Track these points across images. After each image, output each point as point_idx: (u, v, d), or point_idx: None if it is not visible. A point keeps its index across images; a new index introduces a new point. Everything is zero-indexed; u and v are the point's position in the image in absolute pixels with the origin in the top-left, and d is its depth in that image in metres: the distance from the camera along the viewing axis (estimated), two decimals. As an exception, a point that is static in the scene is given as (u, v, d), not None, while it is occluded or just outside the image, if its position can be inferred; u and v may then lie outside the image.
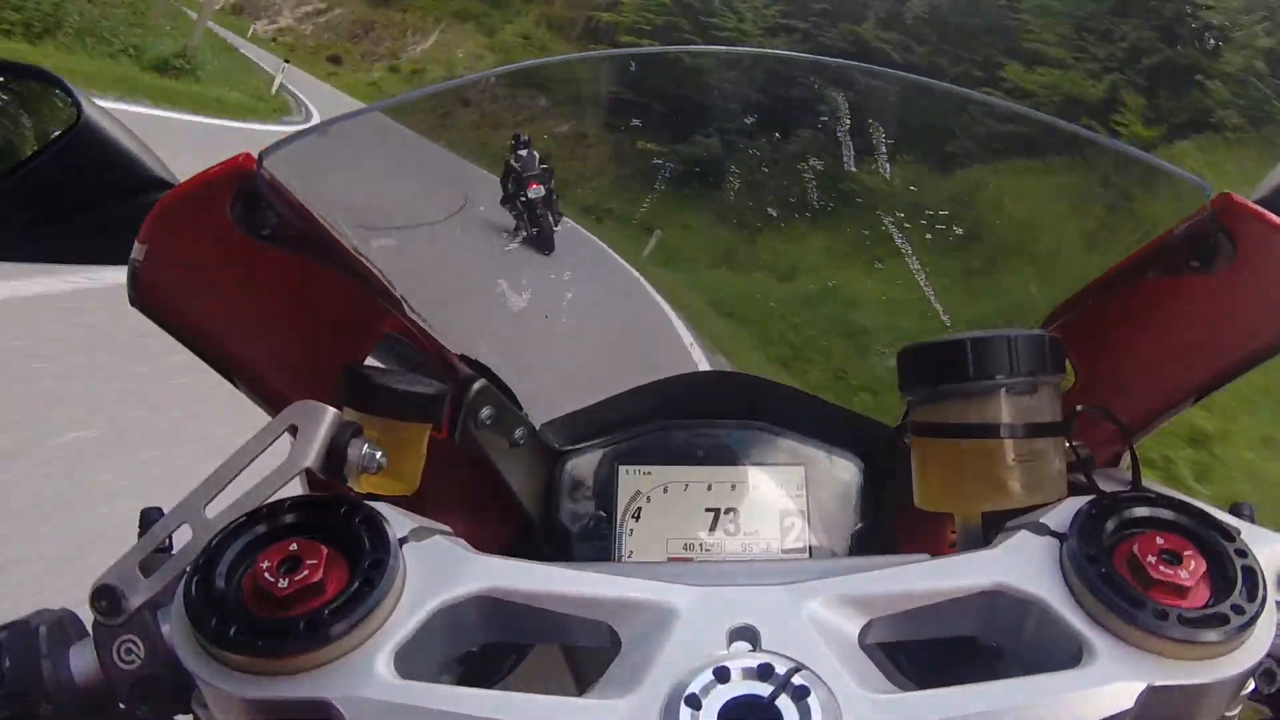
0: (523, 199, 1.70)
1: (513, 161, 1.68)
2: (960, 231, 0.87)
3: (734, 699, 0.42)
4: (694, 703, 0.42)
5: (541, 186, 1.71)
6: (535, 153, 1.74)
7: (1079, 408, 0.61)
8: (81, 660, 0.51)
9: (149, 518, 0.53)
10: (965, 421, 0.60)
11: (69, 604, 0.56)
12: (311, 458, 0.52)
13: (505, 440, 0.81)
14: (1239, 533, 0.50)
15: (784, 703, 0.42)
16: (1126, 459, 0.73)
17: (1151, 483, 0.59)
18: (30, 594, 2.33)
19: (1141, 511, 0.51)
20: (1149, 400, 0.70)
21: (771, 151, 0.99)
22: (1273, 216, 0.55)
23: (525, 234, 1.71)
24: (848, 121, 0.80)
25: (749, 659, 0.44)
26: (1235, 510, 0.57)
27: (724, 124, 0.98)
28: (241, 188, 0.56)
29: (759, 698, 0.42)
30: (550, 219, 1.76)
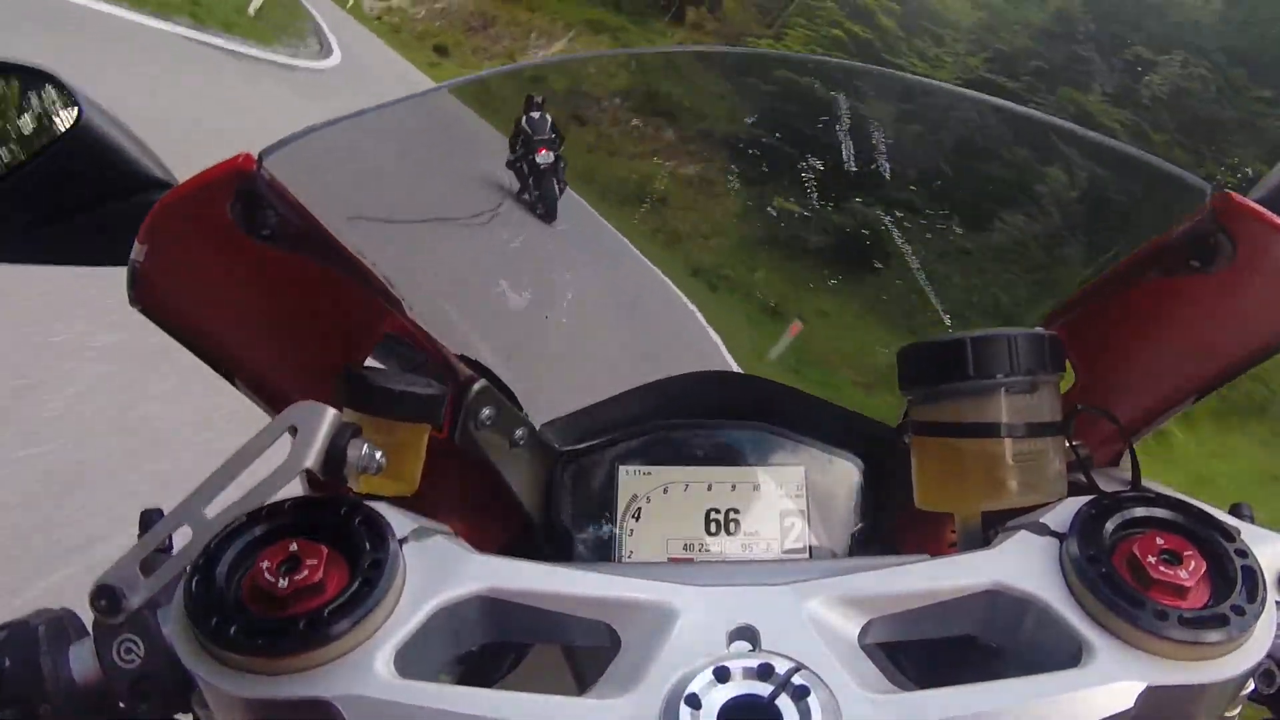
0: (531, 162, 1.64)
1: (524, 123, 1.59)
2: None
3: (734, 699, 0.42)
4: (694, 702, 0.42)
5: (551, 153, 1.65)
6: (548, 116, 1.64)
7: (1078, 407, 0.61)
8: (81, 660, 0.51)
9: (149, 518, 0.53)
10: (964, 421, 0.60)
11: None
12: (311, 458, 0.52)
13: (505, 440, 0.81)
14: (1239, 533, 0.50)
15: (784, 703, 0.42)
16: (1127, 458, 0.73)
17: (1151, 482, 0.59)
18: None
19: (1141, 511, 0.51)
20: (1149, 399, 0.70)
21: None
22: (1273, 216, 0.55)
23: (529, 199, 1.68)
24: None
25: (749, 659, 0.44)
26: (1235, 510, 0.57)
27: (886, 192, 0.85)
28: (241, 188, 0.56)
29: (759, 698, 0.42)
30: (555, 187, 1.71)
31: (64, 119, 0.66)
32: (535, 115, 1.62)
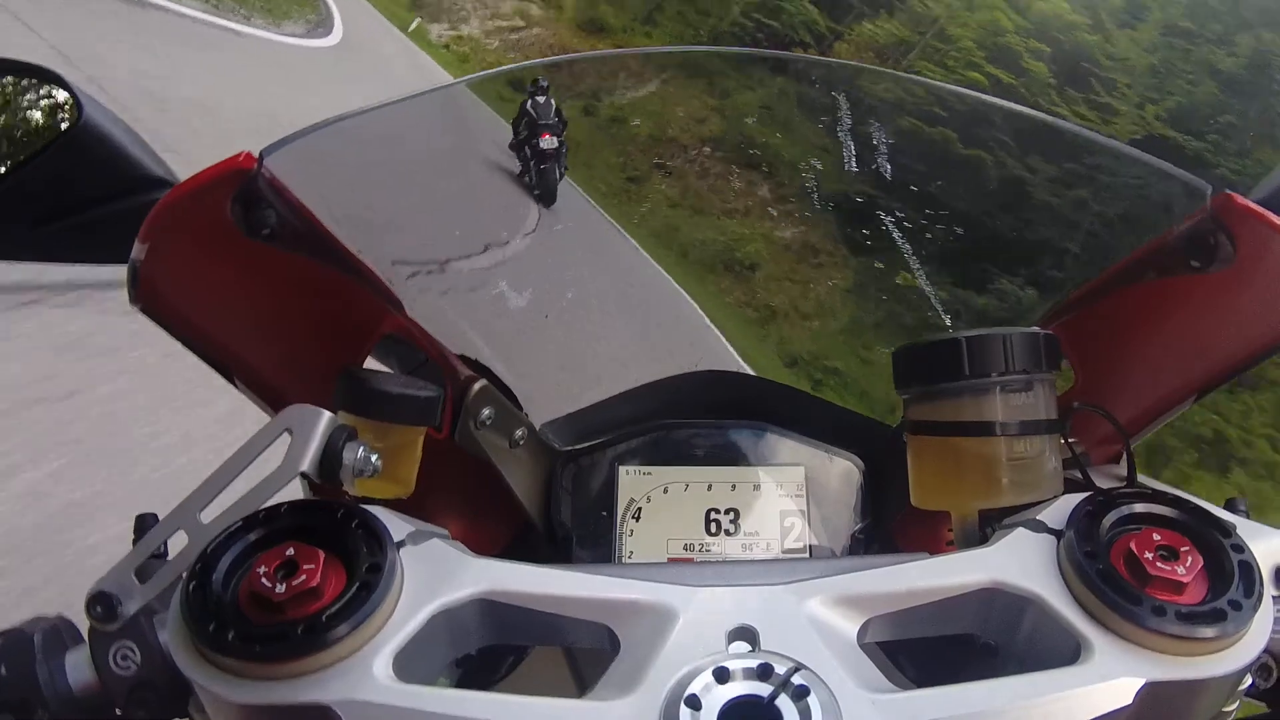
0: (534, 147, 1.63)
1: (529, 106, 1.59)
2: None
3: (734, 699, 0.42)
4: (694, 703, 0.42)
5: (554, 138, 1.64)
6: (552, 100, 1.65)
7: (1075, 405, 0.61)
8: (77, 667, 0.51)
9: (144, 524, 0.53)
10: (961, 419, 0.60)
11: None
12: (306, 462, 0.52)
13: (505, 440, 0.81)
14: (1235, 528, 0.50)
15: (784, 703, 0.42)
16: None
17: (1148, 479, 0.59)
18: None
19: (1138, 508, 0.51)
20: (1148, 399, 0.70)
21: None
22: (1272, 216, 0.55)
23: (529, 181, 1.69)
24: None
25: (749, 659, 0.44)
26: (1231, 505, 0.57)
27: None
28: (241, 187, 0.56)
29: (759, 698, 0.42)
30: (556, 172, 1.71)
31: (64, 119, 0.66)
32: (540, 100, 1.61)
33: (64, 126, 0.67)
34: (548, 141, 1.63)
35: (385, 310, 0.70)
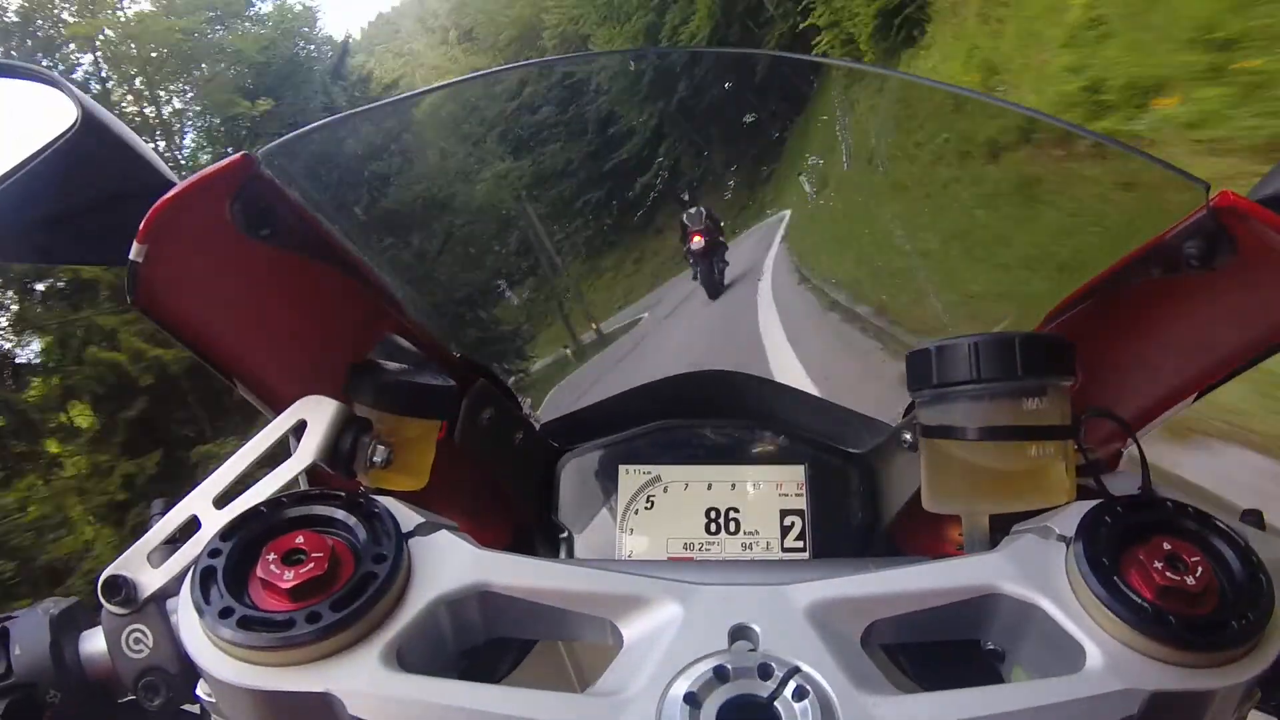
0: (689, 251, 1.95)
1: (684, 219, 2.00)
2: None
3: (733, 699, 0.42)
4: (693, 701, 0.42)
5: (703, 238, 1.95)
6: (702, 209, 2.14)
7: (1087, 410, 0.61)
8: (90, 649, 0.52)
9: (159, 510, 0.53)
10: (973, 424, 0.60)
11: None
12: (319, 452, 0.53)
13: (505, 440, 0.81)
14: (1247, 539, 0.49)
15: (783, 703, 0.42)
16: (1128, 454, 0.73)
17: (1161, 486, 0.59)
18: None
19: (1149, 516, 0.51)
20: (1149, 398, 0.70)
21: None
22: (1272, 215, 0.55)
23: (697, 278, 2.06)
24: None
25: (748, 659, 0.44)
26: (1244, 517, 0.56)
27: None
28: (240, 188, 0.56)
29: (757, 698, 0.42)
30: (714, 268, 2.04)
31: (64, 119, 0.66)
32: (691, 210, 2.16)
33: (63, 127, 0.67)
34: (696, 243, 1.94)
35: (385, 310, 0.70)
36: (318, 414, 0.54)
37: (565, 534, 0.86)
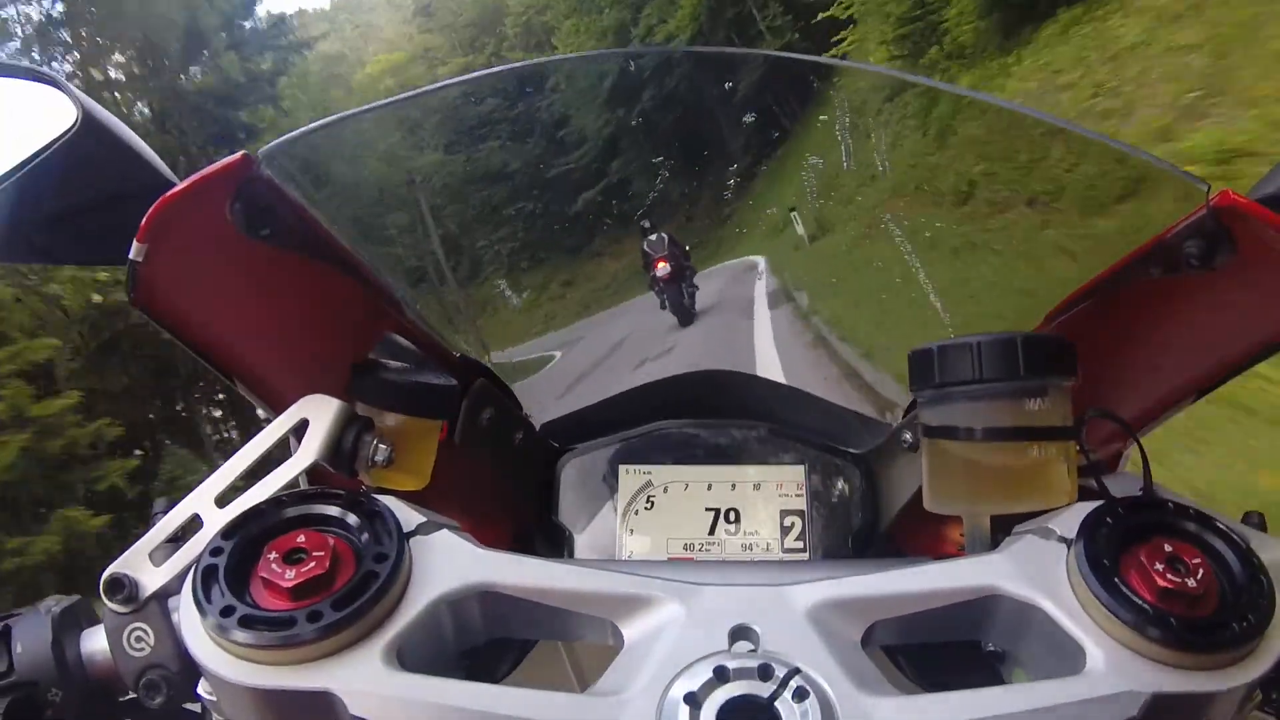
0: (655, 279, 1.87)
1: (645, 247, 1.86)
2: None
3: (733, 699, 0.42)
4: (693, 701, 0.42)
5: (668, 264, 1.86)
6: (664, 235, 1.91)
7: (1089, 411, 0.61)
8: (92, 647, 0.53)
9: (161, 508, 0.53)
10: (975, 424, 0.60)
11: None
12: (321, 451, 0.53)
13: (505, 440, 0.81)
14: (1249, 541, 0.49)
15: (783, 704, 0.42)
16: (1128, 454, 0.73)
17: (1162, 488, 0.58)
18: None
19: (1150, 518, 0.51)
20: (1149, 399, 0.70)
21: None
22: (1272, 215, 0.55)
23: (665, 307, 1.95)
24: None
25: (749, 659, 0.44)
26: (1246, 518, 0.56)
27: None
28: (241, 187, 0.56)
29: (758, 698, 0.42)
30: (683, 293, 1.96)
31: (64, 119, 0.66)
32: (652, 237, 1.90)
33: (63, 127, 0.67)
34: (662, 269, 1.85)
35: (385, 310, 0.70)
36: (320, 413, 0.55)
37: (566, 534, 0.86)
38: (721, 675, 0.43)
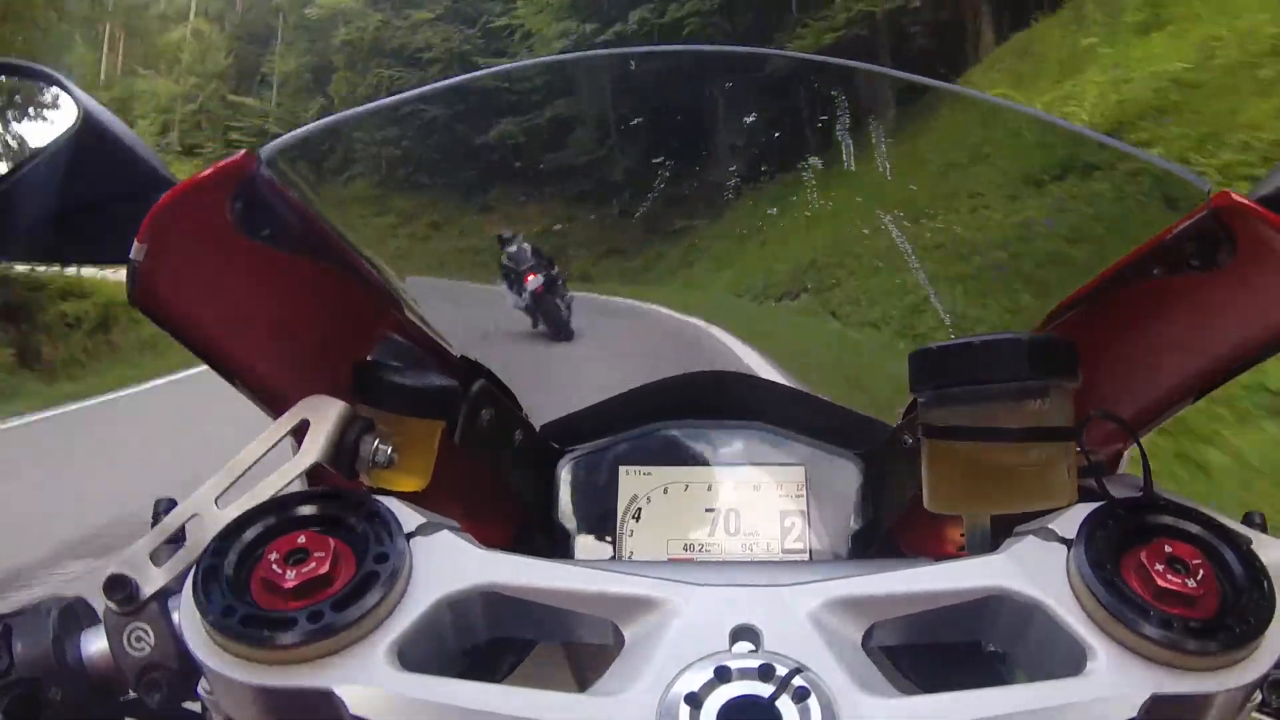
0: (524, 294, 1.69)
1: (505, 260, 1.65)
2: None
3: (734, 699, 0.42)
4: (694, 701, 0.42)
5: (539, 275, 1.70)
6: (525, 245, 1.70)
7: (1091, 412, 0.61)
8: (92, 646, 0.53)
9: (162, 508, 0.54)
10: (976, 425, 0.60)
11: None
12: (322, 452, 0.53)
13: (505, 440, 0.81)
14: (1249, 542, 0.49)
15: (784, 704, 0.42)
16: (1128, 455, 0.73)
17: (1162, 489, 0.59)
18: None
19: (1151, 519, 0.51)
20: (1149, 399, 0.70)
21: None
22: (1272, 215, 0.55)
23: (542, 328, 1.74)
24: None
25: (750, 659, 0.44)
26: (1247, 519, 0.56)
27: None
28: (241, 187, 0.56)
29: (759, 698, 0.42)
30: (559, 305, 1.77)
31: (64, 119, 0.66)
32: (513, 249, 1.68)
33: (63, 127, 0.67)
34: (534, 281, 1.68)
35: (386, 310, 0.70)
36: (321, 414, 0.55)
37: (566, 535, 0.86)
38: (722, 675, 0.43)
